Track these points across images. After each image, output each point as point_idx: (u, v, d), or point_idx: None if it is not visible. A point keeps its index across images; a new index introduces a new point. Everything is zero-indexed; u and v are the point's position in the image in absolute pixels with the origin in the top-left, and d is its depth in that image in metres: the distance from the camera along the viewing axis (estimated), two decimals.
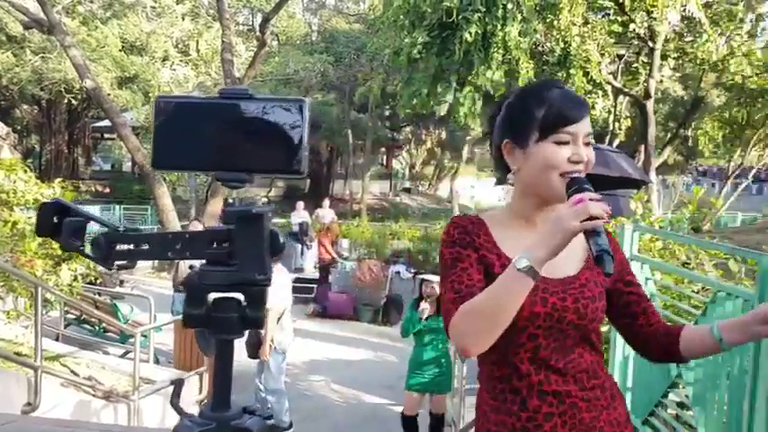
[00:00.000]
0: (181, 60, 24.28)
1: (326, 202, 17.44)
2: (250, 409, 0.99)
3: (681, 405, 3.13)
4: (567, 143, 1.42)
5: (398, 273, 12.56)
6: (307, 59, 24.37)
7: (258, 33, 18.08)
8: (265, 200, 19.78)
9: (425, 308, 5.61)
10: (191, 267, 0.99)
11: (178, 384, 1.08)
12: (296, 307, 12.00)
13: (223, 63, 15.83)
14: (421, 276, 6.08)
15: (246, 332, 1.01)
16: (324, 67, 24.33)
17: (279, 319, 6.07)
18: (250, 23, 30.55)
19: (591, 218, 1.26)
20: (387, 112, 30.70)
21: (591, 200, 1.29)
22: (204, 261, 0.97)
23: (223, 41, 15.73)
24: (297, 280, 12.78)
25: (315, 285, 12.44)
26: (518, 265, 1.30)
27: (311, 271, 14.19)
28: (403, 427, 5.82)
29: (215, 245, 0.96)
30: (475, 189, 38.28)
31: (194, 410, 1.03)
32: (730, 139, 22.51)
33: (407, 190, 36.82)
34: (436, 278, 5.81)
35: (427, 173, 39.49)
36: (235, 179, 0.95)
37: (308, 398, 7.68)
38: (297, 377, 8.36)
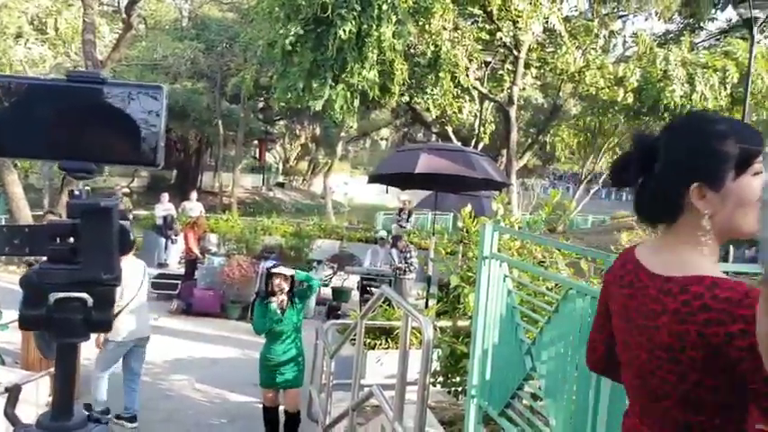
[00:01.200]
0: (37, 39, 22.51)
1: (194, 194, 16.86)
2: (95, 417, 0.92)
3: (534, 396, 3.31)
4: (759, 172, 1.35)
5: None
6: (176, 45, 23.43)
7: (124, 15, 17.13)
8: (126, 190, 18.82)
9: (283, 300, 5.55)
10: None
11: (14, 391, 0.98)
12: (158, 303, 11.53)
13: (84, 44, 14.87)
14: (270, 270, 5.77)
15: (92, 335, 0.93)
16: (194, 55, 23.51)
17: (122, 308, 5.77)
18: (116, 4, 28.91)
19: None
20: (260, 105, 30.17)
21: None
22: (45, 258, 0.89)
23: (84, 21, 14.76)
24: (160, 276, 12.27)
25: (179, 281, 11.98)
26: None
27: (176, 266, 13.67)
28: (265, 419, 5.76)
29: (58, 240, 0.88)
30: (348, 186, 38.56)
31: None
32: (584, 145, 24.16)
33: (281, 185, 36.43)
34: (286, 270, 5.71)
35: (301, 168, 39.28)
36: (81, 169, 0.88)
37: (169, 398, 7.38)
38: (157, 377, 8.01)
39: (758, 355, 1.16)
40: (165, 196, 15.55)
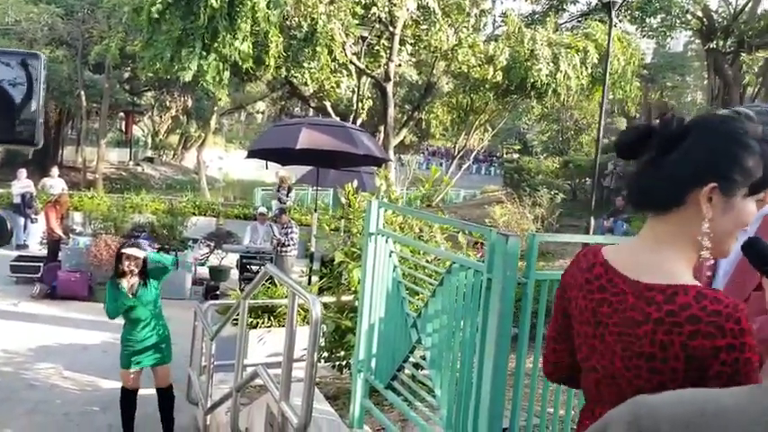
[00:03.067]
0: None
1: (55, 170, 15.77)
2: None
3: (418, 367, 3.39)
4: (762, 200, 1.39)
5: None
6: (30, 9, 21.59)
7: None
8: None
9: (134, 282, 5.36)
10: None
11: None
12: (18, 288, 10.76)
13: None
14: (120, 250, 5.54)
15: None
16: (52, 20, 21.77)
17: None
18: None
19: None
20: (126, 75, 28.52)
21: None
22: None
23: None
24: (20, 258, 11.45)
25: (41, 264, 11.20)
26: None
27: (37, 248, 12.77)
28: (123, 402, 5.54)
29: None
30: (223, 161, 37.48)
31: None
32: (457, 122, 24.88)
33: (150, 159, 34.73)
34: (137, 251, 5.48)
35: (172, 142, 37.65)
36: None
37: (34, 388, 6.92)
38: (21, 366, 7.49)
39: (741, 371, 1.23)
40: (23, 172, 14.42)
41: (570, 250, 11.60)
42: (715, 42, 23.84)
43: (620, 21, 21.42)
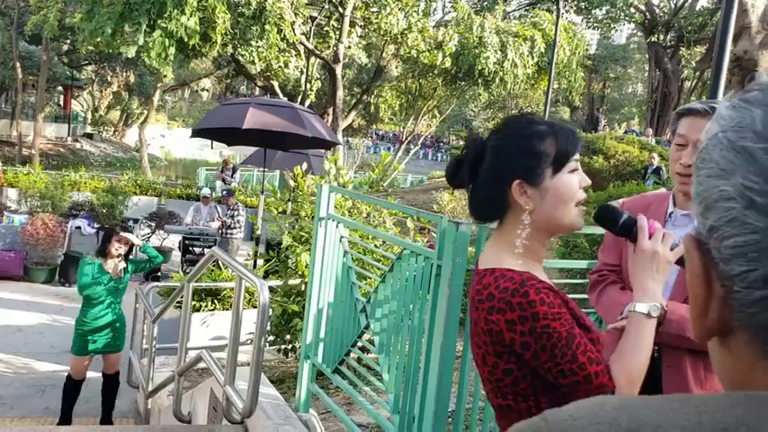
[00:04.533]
0: None
1: None
2: None
3: (365, 350, 3.41)
4: (575, 170, 1.44)
5: (79, 228, 11.47)
6: None
7: None
8: None
9: (122, 266, 5.28)
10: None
11: None
12: None
13: None
14: (115, 230, 5.56)
15: None
16: None
17: None
18: None
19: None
20: (65, 47, 27.46)
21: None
22: None
23: None
24: None
25: None
26: (654, 313, 1.37)
27: None
28: (67, 391, 5.40)
29: None
30: (165, 139, 36.59)
31: None
32: (405, 107, 24.92)
33: (89, 135, 33.59)
34: (134, 238, 5.44)
35: (112, 118, 36.53)
36: None
37: None
38: None
39: (543, 338, 1.32)
40: None
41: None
42: (656, 36, 24.56)
43: (566, 11, 21.80)
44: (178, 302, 5.13)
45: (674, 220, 2.03)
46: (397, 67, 23.06)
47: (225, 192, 11.41)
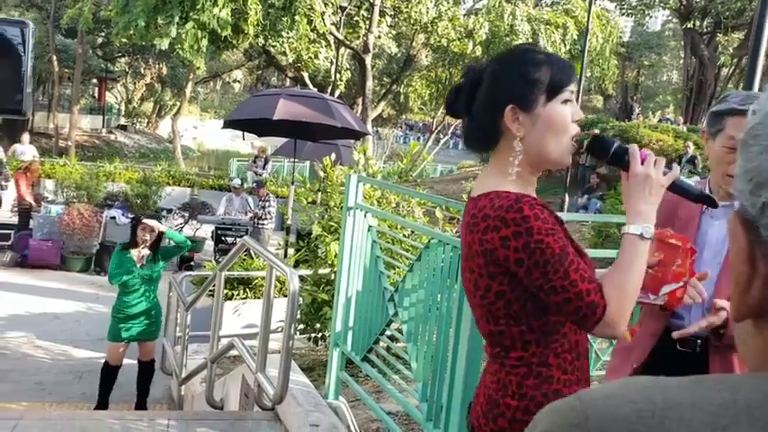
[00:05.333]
0: None
1: (26, 136, 15.42)
2: None
3: (394, 339, 3.43)
4: (568, 101, 1.45)
5: (113, 218, 11.68)
6: None
7: None
8: None
9: (145, 254, 5.34)
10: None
11: None
12: None
13: None
14: (139, 219, 5.63)
15: None
16: None
17: None
18: None
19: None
20: (100, 40, 27.90)
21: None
22: None
23: None
24: None
25: (12, 231, 11.02)
26: (647, 234, 1.38)
27: (8, 215, 12.54)
28: (105, 377, 5.51)
29: None
30: (198, 130, 36.99)
31: None
32: (435, 97, 24.78)
33: (123, 127, 34.13)
34: (156, 223, 5.50)
35: (146, 110, 37.03)
36: None
37: (5, 357, 6.86)
38: None
39: (536, 254, 1.33)
40: None
41: None
42: (692, 22, 24.00)
43: None
44: (210, 291, 5.20)
45: (712, 211, 1.99)
46: (427, 57, 22.94)
47: (255, 183, 11.51)
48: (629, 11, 24.21)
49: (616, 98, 28.60)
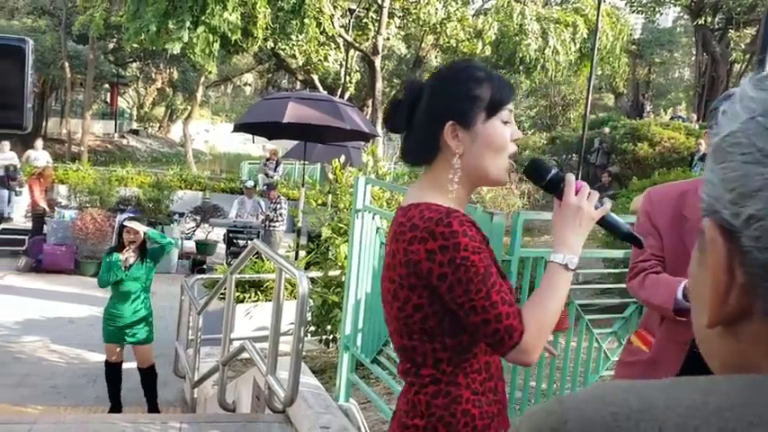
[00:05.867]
0: None
1: (39, 142, 15.59)
2: None
3: None
4: (507, 122, 1.45)
5: (155, 224, 11.80)
6: None
7: None
8: None
9: (130, 256, 5.36)
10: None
11: None
12: (3, 261, 10.70)
13: None
14: (122, 222, 5.60)
15: None
16: None
17: None
18: None
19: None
20: (111, 46, 28.09)
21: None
22: None
23: None
24: (4, 231, 11.38)
25: (26, 237, 11.13)
26: (571, 265, 1.38)
27: (22, 221, 12.68)
28: (107, 375, 5.57)
29: None
30: (209, 134, 37.15)
31: None
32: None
33: (135, 132, 34.34)
34: (138, 225, 5.50)
35: (157, 114, 37.23)
36: None
37: (21, 361, 6.94)
38: (6, 339, 7.50)
39: (460, 271, 1.32)
40: (6, 144, 14.23)
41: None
42: (703, 18, 23.84)
43: None
44: (222, 294, 5.23)
45: None
46: (436, 57, 22.92)
47: (266, 185, 11.55)
48: (640, 8, 24.08)
49: (627, 96, 28.44)
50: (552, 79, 21.01)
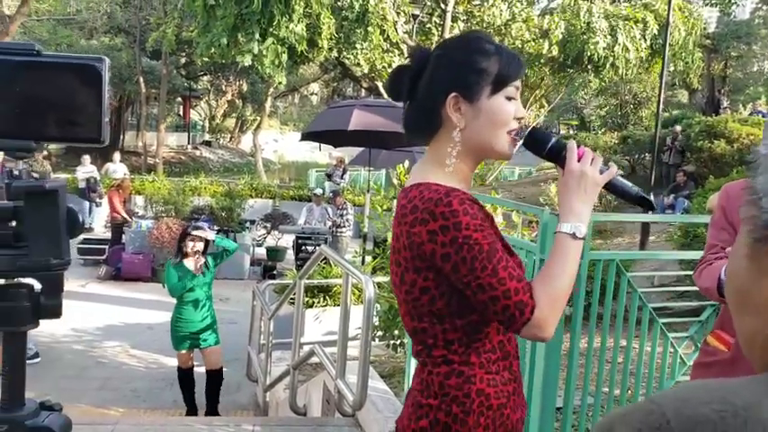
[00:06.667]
0: None
1: (117, 155, 16.30)
2: (48, 405, 0.89)
3: None
4: (512, 98, 1.41)
5: (218, 231, 12.18)
6: None
7: None
8: (45, 153, 17.86)
9: (201, 262, 5.50)
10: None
11: None
12: (86, 269, 11.21)
13: None
14: (187, 230, 5.73)
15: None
16: (110, 9, 22.39)
17: None
18: None
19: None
20: (183, 60, 29.10)
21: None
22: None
23: None
24: (85, 241, 11.90)
25: (106, 246, 11.63)
26: (579, 233, 1.34)
27: (102, 231, 13.26)
28: (180, 380, 5.76)
29: None
30: (278, 143, 37.95)
31: None
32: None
33: (207, 143, 35.46)
34: (204, 233, 5.64)
35: (228, 125, 38.31)
36: (20, 148, 0.82)
37: (103, 366, 7.25)
38: (90, 344, 7.84)
39: (464, 249, 1.28)
40: (87, 158, 14.95)
41: (628, 228, 11.34)
42: None
43: None
44: (291, 299, 5.32)
45: None
46: None
47: (332, 192, 11.71)
48: (714, 1, 23.18)
49: (702, 92, 27.40)
50: (622, 77, 20.42)
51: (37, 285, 0.82)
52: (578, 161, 1.37)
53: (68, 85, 0.81)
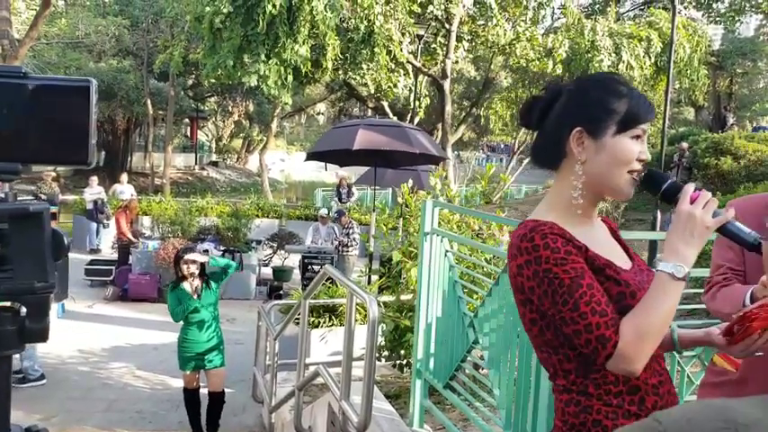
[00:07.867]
0: None
1: (124, 176, 16.37)
2: (35, 430, 0.87)
3: (477, 367, 3.38)
4: (638, 139, 1.43)
5: (206, 251, 12.16)
6: (99, 22, 22.51)
7: None
8: (53, 174, 17.94)
9: (197, 284, 5.48)
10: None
11: None
12: (93, 290, 11.21)
13: None
14: (179, 254, 5.68)
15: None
16: (118, 32, 22.63)
17: None
18: None
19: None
20: (190, 82, 29.36)
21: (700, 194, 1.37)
22: None
23: None
24: (93, 262, 11.91)
25: (113, 267, 11.64)
26: (678, 274, 1.33)
27: (109, 252, 13.28)
28: (186, 401, 5.72)
29: None
30: (285, 163, 38.14)
31: None
32: (516, 118, 24.52)
33: (214, 163, 35.66)
34: (198, 256, 5.62)
35: (235, 146, 38.54)
36: (5, 170, 0.81)
37: (109, 387, 7.21)
38: (95, 365, 7.81)
39: (545, 283, 1.33)
40: (94, 179, 15.02)
41: (635, 245, 11.28)
42: None
43: (684, 7, 20.71)
44: (297, 319, 5.30)
45: None
46: (506, 78, 22.78)
47: (337, 212, 11.71)
48: (718, 18, 23.25)
49: (708, 109, 27.39)
50: None
51: (22, 309, 0.82)
52: (691, 203, 1.36)
53: (55, 108, 0.81)
